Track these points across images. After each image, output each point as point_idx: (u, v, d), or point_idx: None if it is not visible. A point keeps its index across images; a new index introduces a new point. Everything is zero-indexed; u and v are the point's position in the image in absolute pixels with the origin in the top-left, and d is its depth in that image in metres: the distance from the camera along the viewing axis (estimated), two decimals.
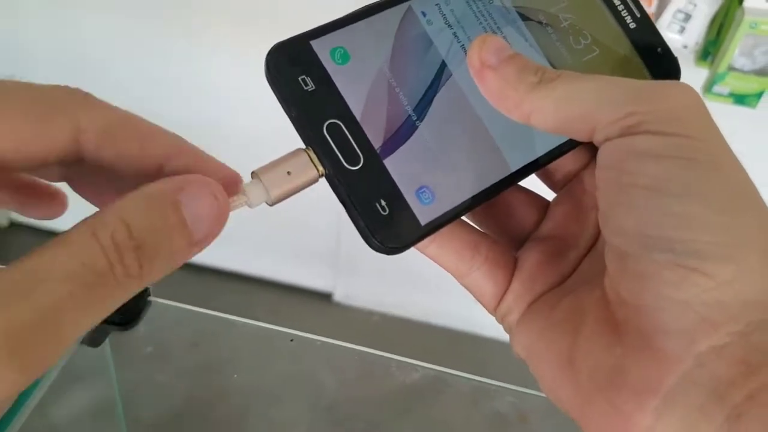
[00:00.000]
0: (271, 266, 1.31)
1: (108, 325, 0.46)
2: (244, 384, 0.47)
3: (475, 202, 0.25)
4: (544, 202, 0.28)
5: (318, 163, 0.23)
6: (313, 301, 1.31)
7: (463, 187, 0.25)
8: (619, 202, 0.21)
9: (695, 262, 0.19)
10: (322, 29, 0.24)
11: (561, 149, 0.26)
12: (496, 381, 0.45)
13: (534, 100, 0.22)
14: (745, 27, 0.76)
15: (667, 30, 0.79)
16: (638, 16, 0.28)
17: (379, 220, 0.23)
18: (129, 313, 0.46)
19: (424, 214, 0.24)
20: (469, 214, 0.26)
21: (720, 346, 0.19)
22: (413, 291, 1.18)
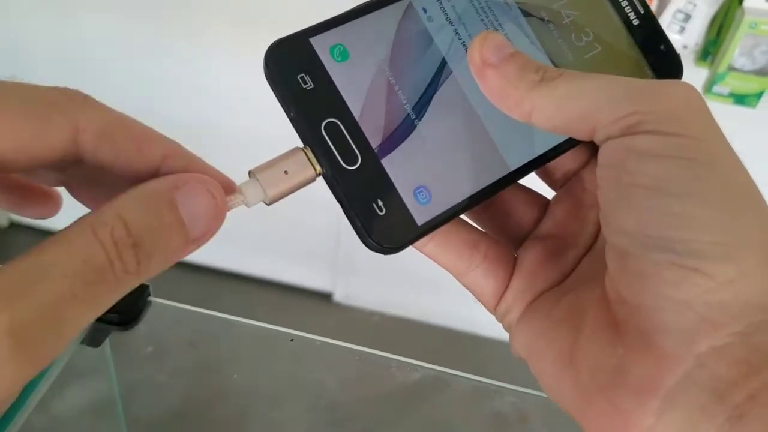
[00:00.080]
0: (270, 266, 1.31)
1: (108, 325, 0.46)
2: (243, 384, 0.47)
3: (472, 201, 0.25)
4: (543, 200, 0.28)
5: (315, 162, 0.23)
6: (313, 301, 1.31)
7: (461, 187, 0.25)
8: (620, 202, 0.21)
9: (695, 262, 0.19)
10: (322, 26, 0.24)
11: (560, 148, 0.26)
12: (496, 381, 0.45)
13: (535, 99, 0.22)
14: (745, 27, 0.76)
15: (667, 30, 0.79)
16: (642, 13, 0.28)
17: (376, 220, 0.23)
18: (129, 313, 0.46)
19: (421, 214, 0.24)
20: (468, 213, 0.26)
21: (720, 346, 0.19)
22: (413, 291, 1.18)
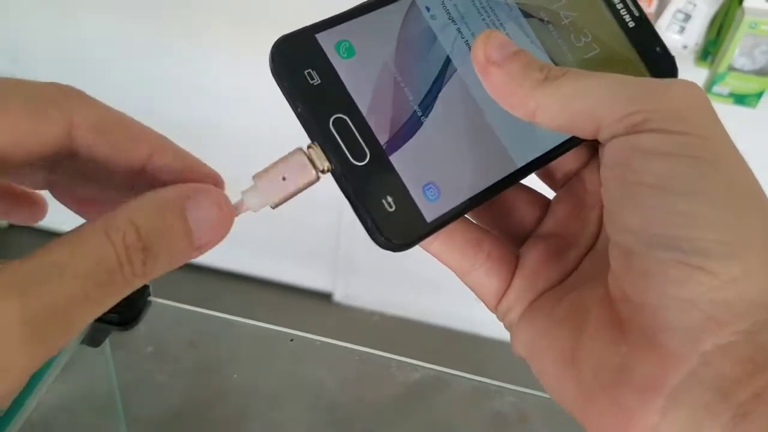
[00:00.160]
0: (271, 266, 1.31)
1: (108, 325, 0.46)
2: (243, 384, 0.47)
3: (480, 198, 0.25)
4: (545, 200, 0.28)
5: (319, 161, 0.23)
6: (313, 301, 1.31)
7: (469, 184, 0.25)
8: (625, 200, 0.21)
9: (700, 260, 0.19)
10: (327, 23, 0.24)
11: (565, 146, 0.26)
12: (496, 381, 0.45)
13: (539, 97, 0.22)
14: (745, 27, 0.76)
15: (667, 30, 0.79)
16: (637, 16, 0.28)
17: (386, 217, 0.23)
18: (129, 313, 0.46)
19: (430, 211, 0.24)
20: (471, 212, 0.26)
21: (725, 344, 0.19)
22: (413, 291, 1.18)
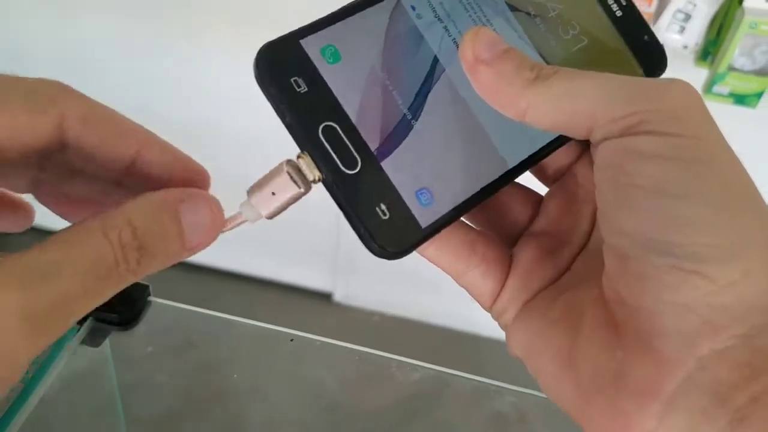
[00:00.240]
0: (271, 266, 1.31)
1: (108, 325, 0.46)
2: (243, 384, 0.47)
3: (474, 201, 0.25)
4: (537, 197, 0.28)
5: (309, 171, 0.23)
6: (313, 301, 1.31)
7: (462, 187, 0.24)
8: (619, 203, 0.21)
9: (695, 265, 0.19)
10: (312, 27, 0.24)
11: (556, 144, 0.26)
12: (496, 381, 0.45)
13: (530, 97, 0.22)
14: (745, 27, 0.76)
15: (667, 30, 0.79)
16: (624, 5, 0.28)
17: (380, 225, 0.23)
18: (129, 313, 0.46)
19: (424, 217, 0.24)
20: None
21: (722, 349, 0.19)
22: (413, 291, 1.18)
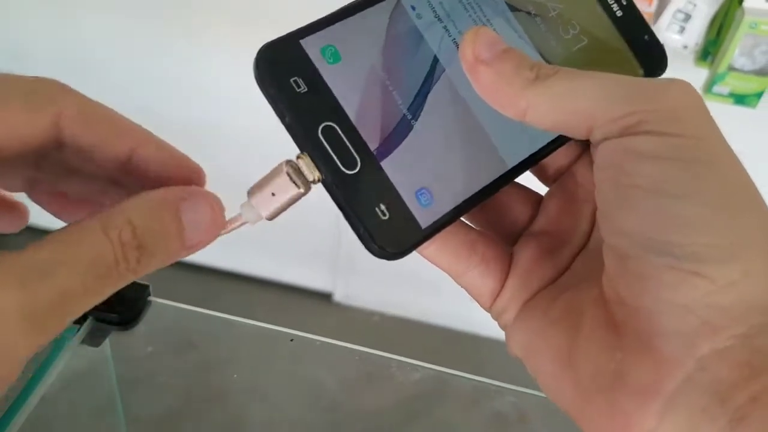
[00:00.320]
0: (271, 266, 1.31)
1: (108, 325, 0.46)
2: (243, 384, 0.47)
3: (474, 201, 0.25)
4: (536, 196, 0.28)
5: (309, 171, 0.23)
6: (313, 301, 1.31)
7: (462, 187, 0.24)
8: (618, 203, 0.21)
9: (695, 265, 0.19)
10: (312, 27, 0.24)
11: (556, 144, 0.26)
12: (496, 381, 0.45)
13: (530, 97, 0.22)
14: (745, 27, 0.76)
15: (667, 30, 0.79)
16: (624, 4, 0.28)
17: (380, 225, 0.23)
18: (129, 313, 0.46)
19: (424, 217, 0.23)
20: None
21: (722, 349, 0.19)
22: (413, 291, 1.18)
